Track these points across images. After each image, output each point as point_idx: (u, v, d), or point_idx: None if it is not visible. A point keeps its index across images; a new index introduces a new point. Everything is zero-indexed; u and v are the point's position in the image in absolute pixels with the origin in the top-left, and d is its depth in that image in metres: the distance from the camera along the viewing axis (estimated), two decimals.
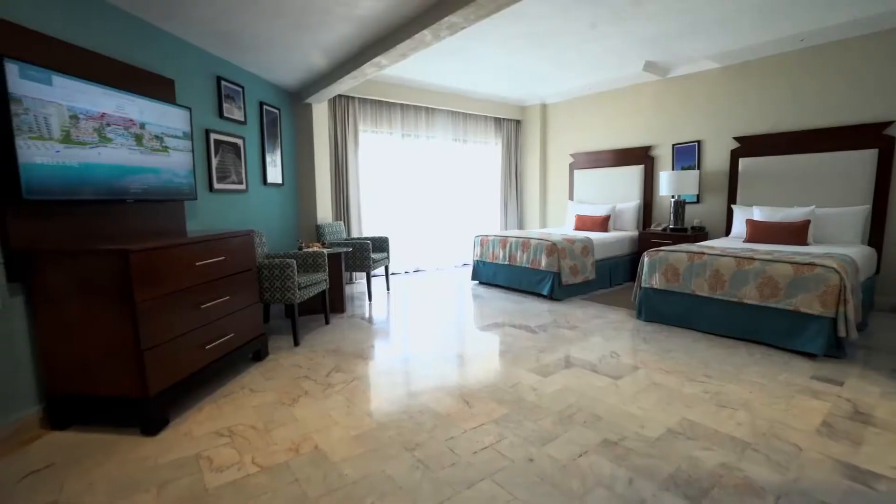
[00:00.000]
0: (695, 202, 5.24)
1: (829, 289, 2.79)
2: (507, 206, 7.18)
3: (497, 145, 7.04)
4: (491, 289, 5.17)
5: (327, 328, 3.67)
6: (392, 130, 5.84)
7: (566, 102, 6.54)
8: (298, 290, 3.17)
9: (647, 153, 5.64)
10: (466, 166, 6.71)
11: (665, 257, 3.59)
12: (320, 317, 3.96)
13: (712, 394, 2.36)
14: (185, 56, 3.18)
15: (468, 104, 6.39)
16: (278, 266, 3.10)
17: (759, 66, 4.58)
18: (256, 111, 4.10)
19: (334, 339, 3.39)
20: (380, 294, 4.94)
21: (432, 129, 6.23)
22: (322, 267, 3.62)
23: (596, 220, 5.66)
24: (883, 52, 3.88)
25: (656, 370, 2.69)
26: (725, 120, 4.89)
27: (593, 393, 2.39)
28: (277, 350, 3.15)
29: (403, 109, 5.89)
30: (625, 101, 5.80)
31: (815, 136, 4.27)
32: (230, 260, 2.58)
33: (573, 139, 6.52)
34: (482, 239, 5.40)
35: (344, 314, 4.11)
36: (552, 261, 4.51)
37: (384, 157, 5.86)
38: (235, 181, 3.72)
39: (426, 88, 5.88)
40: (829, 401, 2.28)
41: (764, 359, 2.86)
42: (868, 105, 4.00)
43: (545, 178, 7.03)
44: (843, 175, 4.12)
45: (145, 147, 2.43)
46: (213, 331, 2.42)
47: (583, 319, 3.81)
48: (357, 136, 5.43)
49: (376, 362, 2.92)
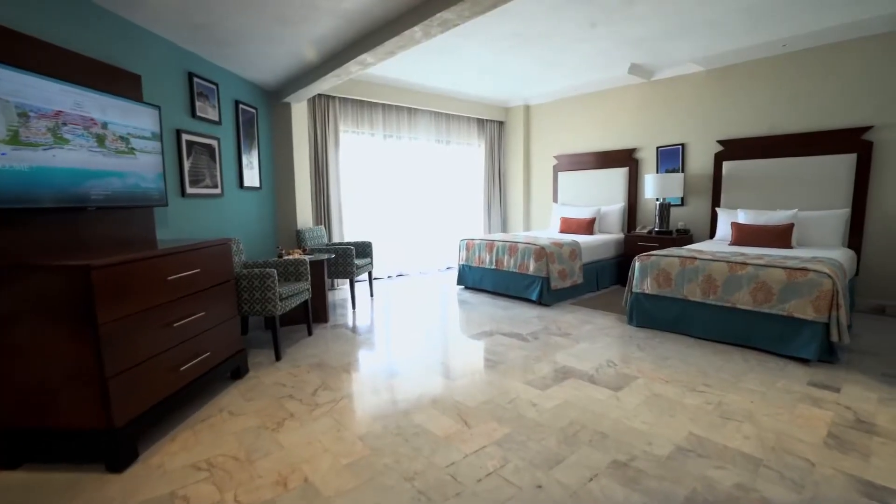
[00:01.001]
0: (679, 205, 5.25)
1: (821, 294, 2.79)
2: (491, 209, 7.09)
3: (480, 147, 6.94)
4: (477, 294, 5.06)
5: (310, 340, 3.48)
6: (374, 131, 5.67)
7: (550, 104, 6.49)
8: (280, 302, 2.98)
9: (632, 156, 5.64)
10: (449, 168, 6.59)
11: (656, 262, 3.54)
12: (302, 327, 3.77)
13: (714, 404, 2.31)
14: (153, 50, 2.95)
15: (451, 105, 6.27)
16: (258, 276, 2.90)
17: (742, 70, 4.62)
18: (232, 110, 3.87)
19: (318, 351, 3.21)
20: (363, 301, 4.76)
21: (415, 129, 6.08)
22: (304, 276, 3.43)
23: (581, 222, 5.62)
24: (861, 59, 3.95)
25: (655, 380, 2.63)
26: (709, 123, 4.92)
27: (595, 407, 2.29)
28: (258, 366, 2.95)
29: (385, 110, 5.72)
30: (609, 103, 5.79)
31: (797, 140, 4.32)
32: (205, 272, 2.38)
33: (557, 141, 6.48)
34: (468, 243, 5.29)
35: (327, 324, 3.92)
36: (541, 265, 4.43)
37: (366, 159, 5.67)
38: (210, 185, 3.49)
39: (409, 88, 5.73)
40: (830, 409, 2.25)
41: (759, 365, 2.83)
42: (847, 110, 4.07)
43: (528, 181, 6.97)
44: (823, 179, 4.18)
45: (108, 149, 2.21)
46: (188, 350, 2.22)
47: (574, 326, 3.74)
48: (338, 136, 5.24)
49: (364, 377, 2.76)
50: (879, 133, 3.93)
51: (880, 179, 3.97)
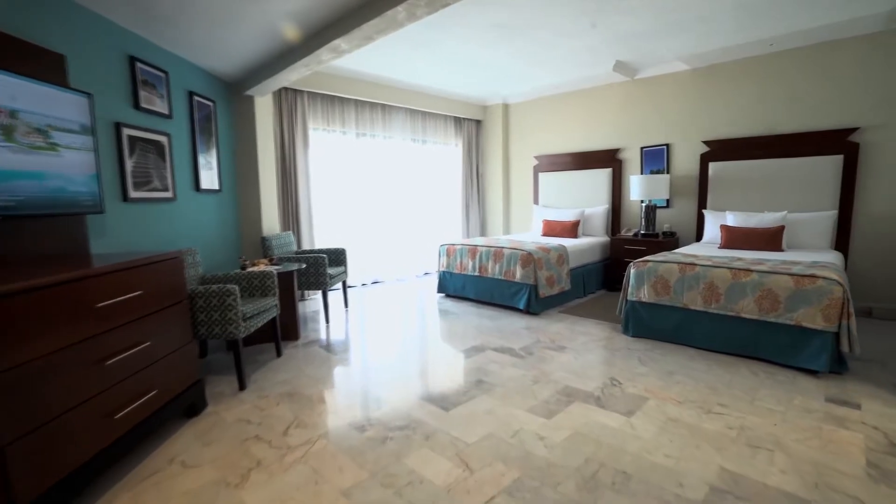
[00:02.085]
0: (665, 206, 5.13)
1: (831, 302, 2.64)
2: (469, 211, 6.82)
3: (457, 146, 6.66)
4: (460, 302, 4.76)
5: (279, 362, 3.09)
6: (346, 129, 5.28)
7: (529, 103, 6.28)
8: (243, 322, 2.59)
9: (615, 156, 5.48)
10: (426, 168, 6.27)
11: (654, 268, 3.35)
12: (270, 346, 3.36)
13: (737, 430, 2.09)
14: (83, 26, 2.49)
15: (427, 102, 5.96)
16: (217, 293, 2.50)
17: (727, 69, 4.52)
18: (185, 103, 3.42)
19: (289, 376, 2.83)
20: (337, 313, 4.37)
21: (389, 128, 5.73)
22: (271, 290, 3.04)
23: (565, 225, 5.42)
24: (847, 60, 3.90)
25: (666, 400, 2.40)
26: (694, 123, 4.80)
27: (610, 438, 2.03)
28: (219, 398, 2.54)
29: (358, 106, 5.35)
30: (591, 102, 5.62)
31: (783, 141, 4.25)
32: (151, 292, 1.98)
33: (537, 141, 6.27)
34: (448, 248, 4.98)
35: (298, 341, 3.53)
36: (528, 272, 4.18)
37: (337, 159, 5.28)
38: (159, 187, 3.04)
39: (383, 83, 5.37)
40: (858, 430, 2.08)
41: (769, 379, 2.66)
42: (834, 111, 4.02)
43: (508, 182, 6.74)
44: (811, 180, 4.12)
45: (19, 143, 1.78)
46: (126, 391, 1.81)
47: (568, 337, 3.50)
48: (307, 134, 4.83)
49: (344, 408, 2.40)
50: (865, 135, 3.89)
51: (866, 181, 3.93)
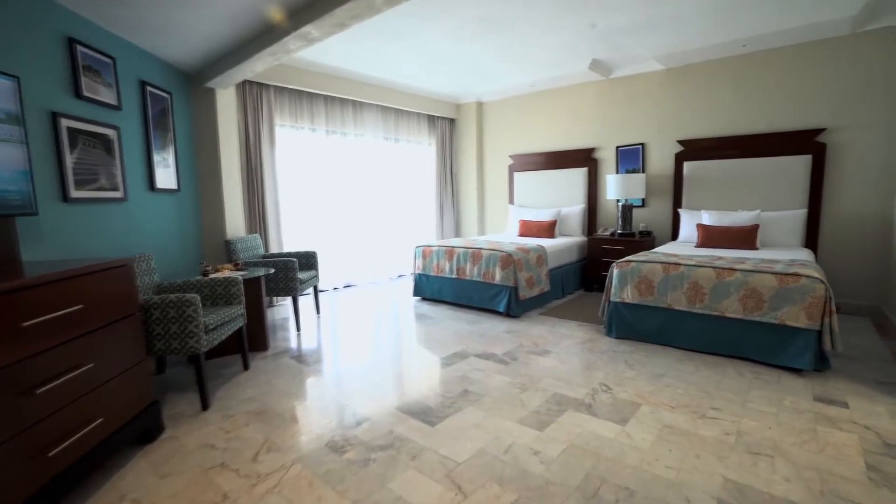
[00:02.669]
0: (640, 206, 5.14)
1: (814, 300, 2.64)
2: (444, 212, 6.67)
3: (431, 145, 6.50)
4: (437, 306, 4.61)
5: (247, 376, 2.84)
6: (315, 126, 5.03)
7: (504, 101, 6.19)
8: (205, 335, 2.34)
9: (591, 155, 5.46)
10: (399, 168, 6.08)
11: (637, 269, 3.29)
12: (236, 358, 3.10)
13: (734, 435, 2.03)
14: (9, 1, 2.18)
15: (400, 99, 5.77)
16: (174, 304, 2.24)
17: (701, 69, 4.56)
18: (137, 94, 3.11)
19: (258, 392, 2.59)
20: (309, 319, 4.13)
21: (361, 125, 5.51)
22: (237, 297, 2.79)
23: (542, 225, 5.35)
24: (815, 62, 3.99)
25: (659, 406, 2.32)
26: (669, 123, 4.83)
27: (607, 450, 1.93)
28: (178, 420, 2.28)
29: (328, 102, 5.11)
30: (566, 101, 5.58)
31: (755, 141, 4.32)
32: (94, 306, 1.72)
33: (512, 140, 6.19)
34: (424, 250, 4.81)
35: (267, 352, 3.28)
36: (508, 273, 4.06)
37: (306, 157, 5.02)
38: (107, 186, 2.74)
39: (354, 78, 5.15)
40: (852, 431, 2.05)
41: (756, 379, 2.64)
42: (802, 112, 4.10)
43: (483, 181, 6.64)
44: (781, 180, 4.19)
45: None
46: (64, 423, 1.56)
47: (551, 341, 3.40)
48: (273, 131, 4.55)
49: (320, 427, 2.20)
50: (832, 135, 3.99)
51: (833, 180, 4.03)
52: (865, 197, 3.90)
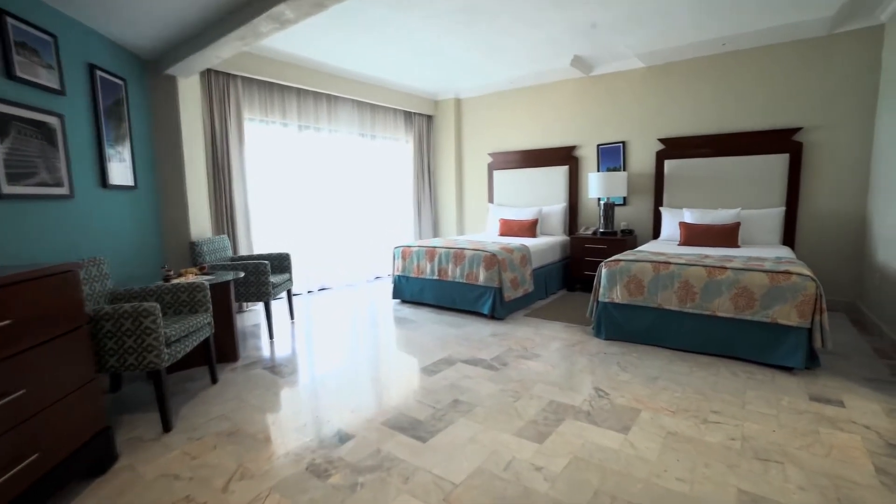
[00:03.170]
0: (622, 204, 5.11)
1: (805, 298, 2.62)
2: (422, 211, 6.49)
3: (408, 142, 6.31)
4: (418, 309, 4.43)
5: (215, 390, 2.59)
6: (287, 121, 4.76)
7: (482, 98, 6.07)
8: (166, 348, 2.09)
9: (572, 153, 5.41)
10: (375, 165, 5.87)
11: (626, 268, 3.22)
12: (203, 371, 2.84)
13: (740, 440, 1.95)
14: None
15: (376, 94, 5.56)
16: (130, 314, 1.99)
17: (681, 67, 4.56)
18: (84, 78, 2.80)
19: (228, 409, 2.35)
20: (282, 326, 3.88)
21: (335, 120, 5.27)
22: (203, 305, 2.54)
23: (523, 224, 5.25)
24: (792, 62, 4.03)
25: (659, 411, 2.23)
26: (650, 121, 4.81)
27: (613, 462, 1.80)
28: (135, 445, 2.03)
29: (300, 95, 4.85)
30: (546, 98, 5.51)
31: (734, 140, 4.34)
32: (27, 320, 1.47)
33: (491, 137, 6.07)
34: (404, 250, 4.63)
35: (237, 363, 3.02)
36: (492, 274, 3.93)
37: (277, 153, 4.75)
38: (49, 181, 2.43)
39: (328, 71, 4.91)
40: (853, 431, 2.01)
41: (750, 379, 2.59)
42: (780, 111, 4.15)
43: (461, 180, 6.49)
44: (760, 178, 4.23)
45: None
46: None
47: (540, 344, 3.28)
48: (241, 125, 4.27)
49: (299, 447, 1.99)
50: (808, 134, 4.04)
51: (809, 179, 4.09)
52: (840, 195, 3.97)
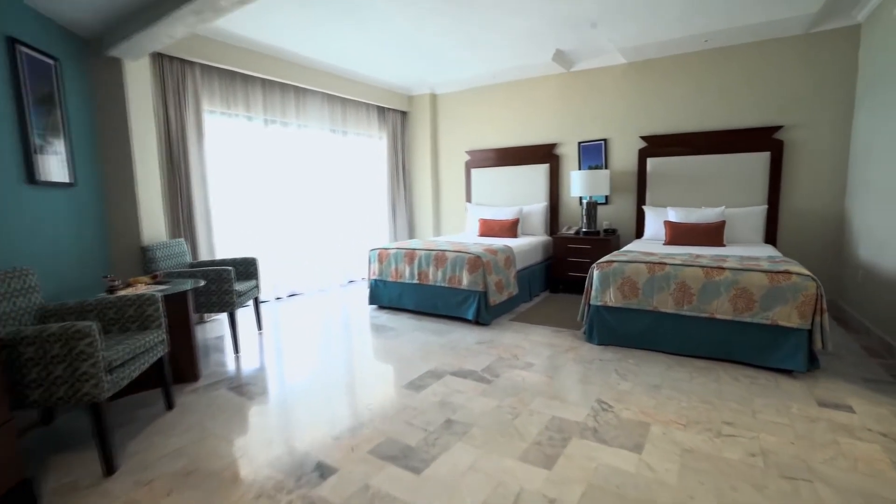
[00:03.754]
0: (603, 203, 5.01)
1: (806, 299, 2.53)
2: (396, 211, 6.21)
3: (382, 139, 6.02)
4: (397, 315, 4.16)
5: (171, 418, 2.25)
6: (251, 114, 4.39)
7: (459, 93, 5.85)
8: (107, 376, 1.75)
9: (552, 151, 5.27)
10: (347, 163, 5.55)
11: (620, 269, 3.07)
12: (157, 394, 2.48)
13: (760, 456, 1.80)
14: None
15: (348, 87, 5.25)
16: (59, 337, 1.64)
17: (663, 64, 4.48)
18: (2, 53, 2.38)
19: (186, 441, 2.03)
20: (249, 337, 3.53)
21: (304, 115, 4.93)
22: (155, 320, 2.19)
23: (504, 224, 5.07)
24: (772, 60, 4.02)
25: (669, 424, 2.07)
26: (632, 118, 4.72)
27: (632, 490, 1.61)
28: (68, 494, 1.68)
29: (266, 87, 4.49)
30: (526, 94, 5.35)
31: (716, 138, 4.30)
32: None
33: (468, 135, 5.87)
34: (380, 253, 4.35)
35: (198, 383, 2.68)
36: (476, 277, 3.72)
37: (242, 149, 4.37)
38: None
39: (296, 61, 4.57)
40: (871, 440, 1.91)
41: (753, 384, 2.48)
42: (761, 109, 4.13)
43: (437, 178, 6.26)
44: (743, 176, 4.20)
45: None
46: None
47: (531, 351, 3.09)
48: (200, 117, 3.88)
49: (272, 487, 1.70)
50: (788, 133, 4.04)
51: (790, 177, 4.08)
52: (819, 193, 3.98)
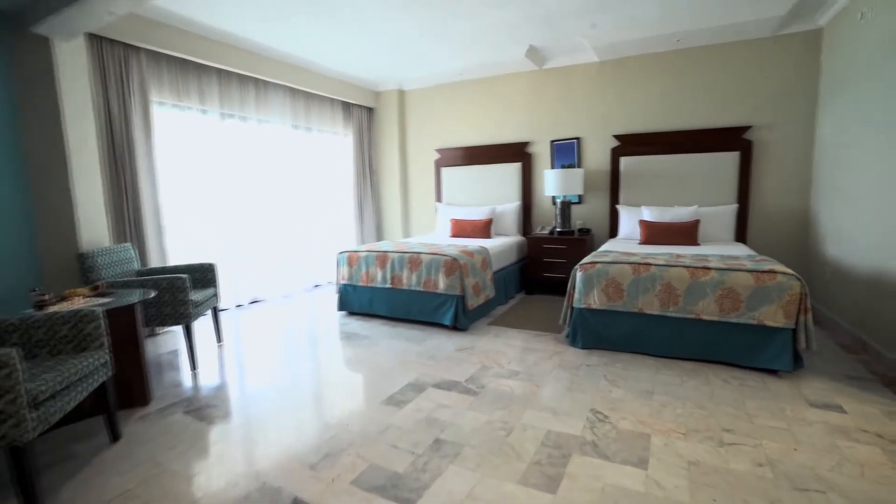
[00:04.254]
0: (577, 203, 4.97)
1: (791, 298, 2.52)
2: (364, 211, 5.96)
3: (347, 136, 5.76)
4: (369, 322, 3.93)
5: (117, 452, 1.94)
6: (206, 107, 4.04)
7: (428, 90, 5.67)
8: (32, 412, 1.46)
9: (524, 150, 5.18)
10: (311, 161, 5.26)
11: (604, 271, 2.98)
12: (100, 424, 2.16)
13: (767, 466, 1.73)
14: None
15: (311, 81, 4.96)
16: None
17: (635, 62, 4.48)
18: None
19: (135, 480, 1.74)
20: (208, 351, 3.21)
21: (265, 109, 4.60)
22: (95, 339, 1.89)
23: (477, 224, 4.93)
24: (742, 61, 4.08)
25: (668, 433, 1.97)
26: (605, 117, 4.70)
27: None
28: None
29: (222, 78, 4.14)
30: (497, 91, 5.23)
31: (688, 137, 4.33)
32: None
33: (438, 133, 5.70)
34: (350, 256, 4.10)
35: (149, 407, 2.36)
36: (453, 281, 3.55)
37: (196, 145, 4.02)
38: None
39: (255, 51, 4.25)
40: (869, 442, 1.89)
41: (744, 386, 2.44)
42: (731, 109, 4.19)
43: (406, 178, 6.05)
44: (714, 175, 4.24)
45: None
46: None
47: (515, 358, 2.95)
48: (148, 109, 3.51)
49: None
50: (757, 133, 4.11)
51: (759, 177, 4.16)
52: (786, 192, 4.07)
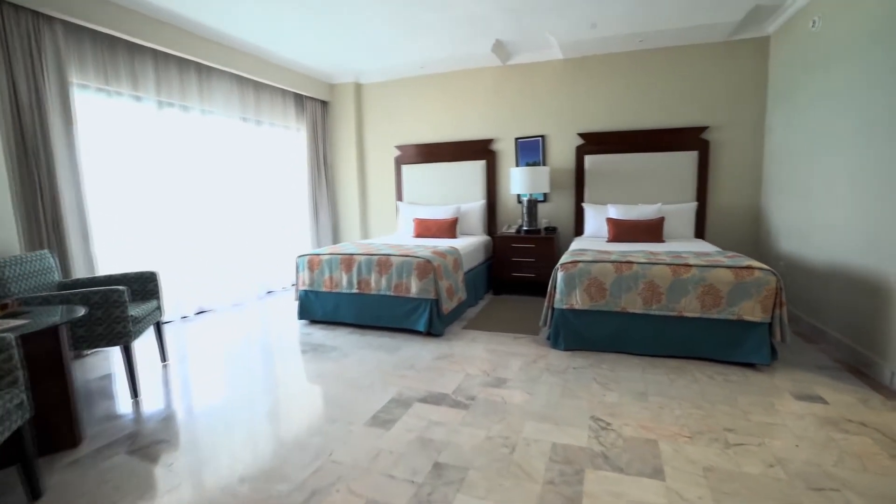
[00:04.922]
0: (542, 201, 4.93)
1: (768, 293, 2.58)
2: (319, 211, 5.59)
3: (300, 131, 5.38)
4: (335, 330, 3.63)
5: None
6: (140, 93, 3.55)
7: (387, 84, 5.41)
8: None
9: (488, 147, 5.07)
10: (262, 157, 4.85)
11: (586, 270, 2.92)
12: (14, 476, 1.74)
13: (778, 466, 1.71)
14: None
15: (261, 69, 4.55)
16: None
17: (599, 61, 4.50)
18: None
19: None
20: (151, 374, 2.78)
21: (209, 98, 4.15)
22: (7, 374, 1.51)
23: (442, 224, 4.76)
24: (699, 63, 4.21)
25: (675, 438, 1.91)
26: (569, 115, 4.69)
27: None
28: None
29: (159, 60, 3.66)
30: (460, 87, 5.09)
31: (650, 136, 4.42)
32: None
33: (398, 129, 5.46)
34: (311, 259, 3.79)
35: (81, 449, 1.96)
36: (427, 284, 3.36)
37: (129, 136, 3.52)
38: None
39: (197, 32, 3.81)
40: (858, 433, 1.94)
41: (728, 382, 2.47)
42: (689, 110, 4.32)
43: (364, 176, 5.75)
44: (675, 174, 4.36)
45: None
46: None
47: (498, 364, 2.81)
48: (67, 92, 3.00)
49: None
50: (713, 133, 4.27)
51: (715, 175, 4.33)
52: (739, 191, 4.27)
